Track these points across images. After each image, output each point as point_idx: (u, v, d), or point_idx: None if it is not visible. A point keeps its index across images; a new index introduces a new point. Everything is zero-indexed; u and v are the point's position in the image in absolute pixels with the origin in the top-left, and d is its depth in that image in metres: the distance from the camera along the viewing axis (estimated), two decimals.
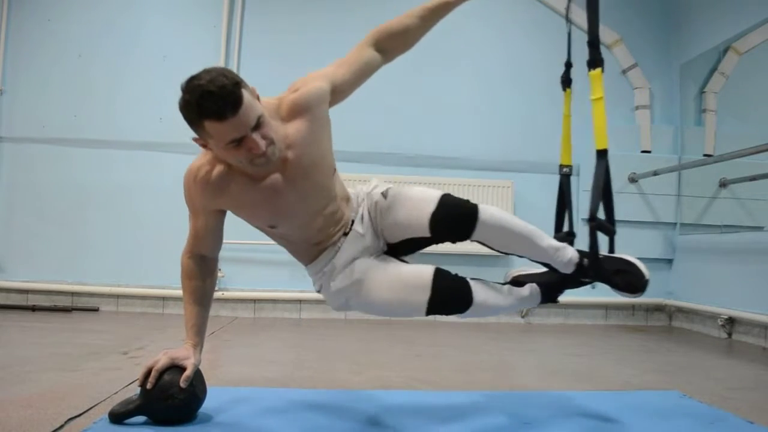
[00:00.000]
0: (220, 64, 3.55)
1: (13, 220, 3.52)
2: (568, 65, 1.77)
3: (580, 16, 1.61)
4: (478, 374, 2.13)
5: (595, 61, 1.55)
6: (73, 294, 3.46)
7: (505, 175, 3.62)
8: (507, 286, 1.55)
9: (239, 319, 3.39)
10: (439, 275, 1.41)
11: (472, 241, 1.44)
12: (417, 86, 3.67)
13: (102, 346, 2.36)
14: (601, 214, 1.54)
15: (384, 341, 2.80)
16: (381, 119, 3.63)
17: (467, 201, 1.43)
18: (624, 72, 3.80)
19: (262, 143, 1.24)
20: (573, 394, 1.81)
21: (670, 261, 3.71)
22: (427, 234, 1.43)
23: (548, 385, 1.99)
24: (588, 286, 1.61)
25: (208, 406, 1.45)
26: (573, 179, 3.55)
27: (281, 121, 1.35)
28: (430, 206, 1.41)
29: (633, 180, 3.66)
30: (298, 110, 1.35)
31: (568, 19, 1.81)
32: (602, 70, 1.54)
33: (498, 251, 1.52)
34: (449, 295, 1.41)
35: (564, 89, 1.77)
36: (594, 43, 1.56)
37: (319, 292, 1.55)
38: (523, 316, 3.63)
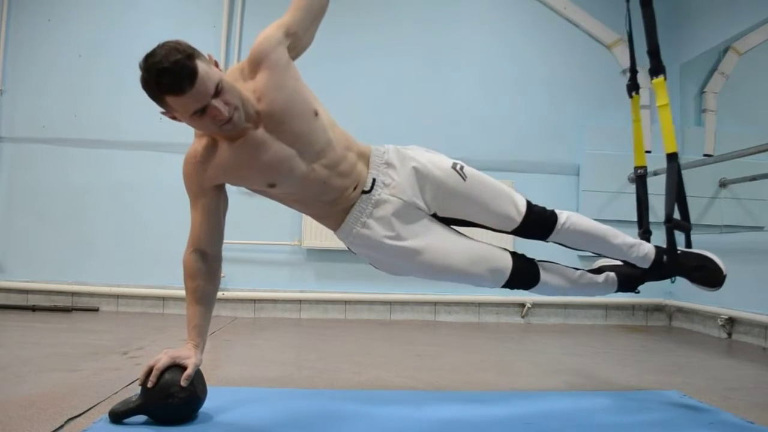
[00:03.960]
0: (220, 64, 3.54)
1: (13, 220, 3.52)
2: (634, 71, 1.83)
3: (577, 13, 1.60)
4: (478, 374, 2.13)
5: (656, 69, 1.65)
6: (73, 294, 3.46)
7: (505, 175, 3.60)
8: (580, 272, 1.67)
9: (239, 319, 3.39)
10: (516, 257, 1.58)
11: (547, 241, 1.61)
12: (417, 86, 3.65)
13: (102, 346, 2.36)
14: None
15: (384, 341, 2.80)
16: (381, 119, 3.62)
17: (544, 209, 1.58)
18: (624, 72, 3.80)
19: (225, 109, 1.26)
20: (573, 394, 1.81)
21: None
22: (505, 230, 1.57)
23: (548, 385, 1.99)
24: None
25: (208, 406, 1.45)
26: (573, 179, 3.60)
27: (248, 80, 1.38)
28: (521, 209, 1.55)
29: (633, 180, 3.65)
30: (256, 62, 1.37)
31: (628, 27, 1.88)
32: (665, 78, 1.61)
33: (575, 249, 1.67)
34: (522, 274, 1.58)
35: (630, 95, 1.83)
36: (654, 52, 1.66)
37: (355, 253, 1.58)
38: (523, 316, 3.63)
